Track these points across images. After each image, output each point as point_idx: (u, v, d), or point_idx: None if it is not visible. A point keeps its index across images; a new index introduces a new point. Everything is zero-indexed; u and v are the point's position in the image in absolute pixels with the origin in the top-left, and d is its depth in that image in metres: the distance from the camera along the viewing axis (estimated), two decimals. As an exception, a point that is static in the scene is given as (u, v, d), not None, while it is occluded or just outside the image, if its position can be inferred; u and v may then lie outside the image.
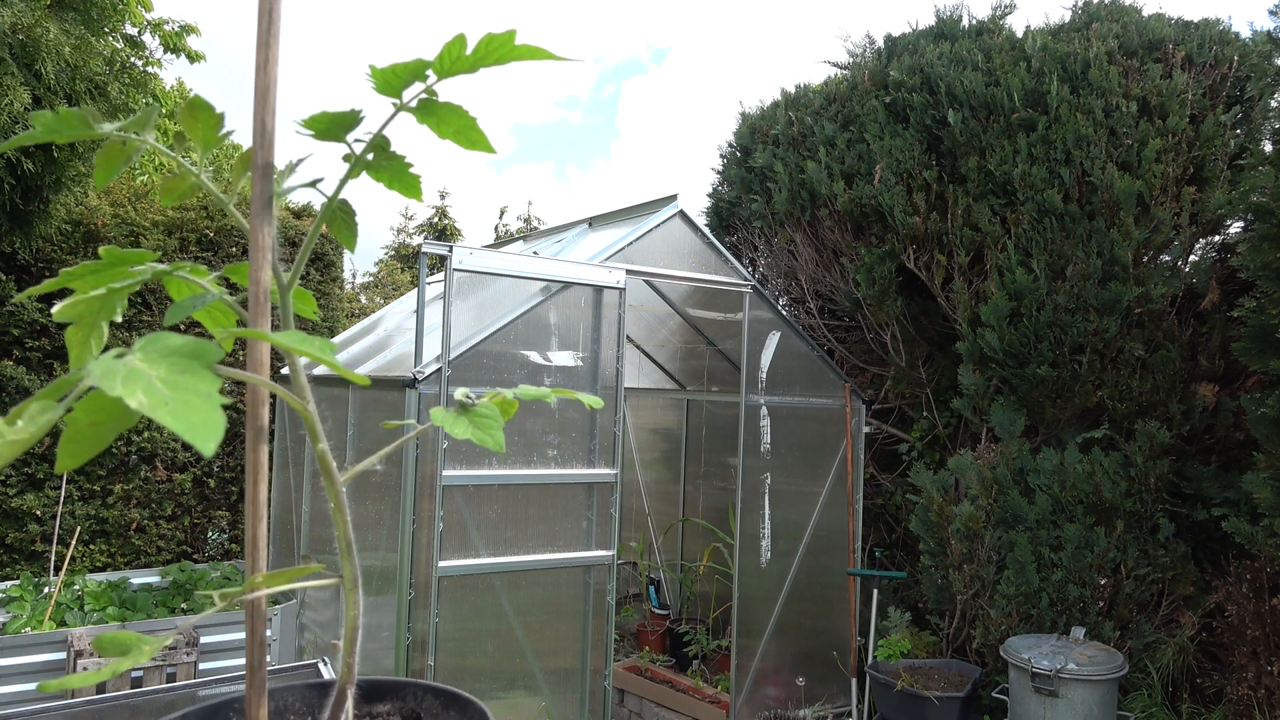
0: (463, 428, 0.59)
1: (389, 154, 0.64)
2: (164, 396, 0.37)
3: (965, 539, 4.78)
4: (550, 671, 4.04)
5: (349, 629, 0.55)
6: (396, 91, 0.60)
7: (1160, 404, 4.69)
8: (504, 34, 0.57)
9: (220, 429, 0.38)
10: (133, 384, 0.37)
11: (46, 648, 4.07)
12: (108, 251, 0.61)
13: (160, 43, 6.97)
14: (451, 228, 17.51)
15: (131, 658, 0.48)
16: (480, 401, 0.60)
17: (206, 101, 0.59)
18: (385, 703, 0.59)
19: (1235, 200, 4.35)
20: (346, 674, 0.54)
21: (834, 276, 5.93)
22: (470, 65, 0.58)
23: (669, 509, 6.84)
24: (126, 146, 0.60)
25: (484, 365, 3.83)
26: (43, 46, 4.13)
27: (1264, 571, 3.81)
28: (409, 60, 0.57)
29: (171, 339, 0.42)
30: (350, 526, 0.57)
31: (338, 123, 0.60)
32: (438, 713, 0.58)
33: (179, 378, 0.39)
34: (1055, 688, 3.91)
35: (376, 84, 0.59)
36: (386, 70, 0.58)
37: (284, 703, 0.58)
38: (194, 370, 0.40)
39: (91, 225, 5.72)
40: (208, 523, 6.14)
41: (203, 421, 0.37)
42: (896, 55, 5.85)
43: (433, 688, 0.59)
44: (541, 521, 3.97)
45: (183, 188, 0.64)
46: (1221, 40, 5.02)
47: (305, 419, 0.54)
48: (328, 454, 0.55)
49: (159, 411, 0.37)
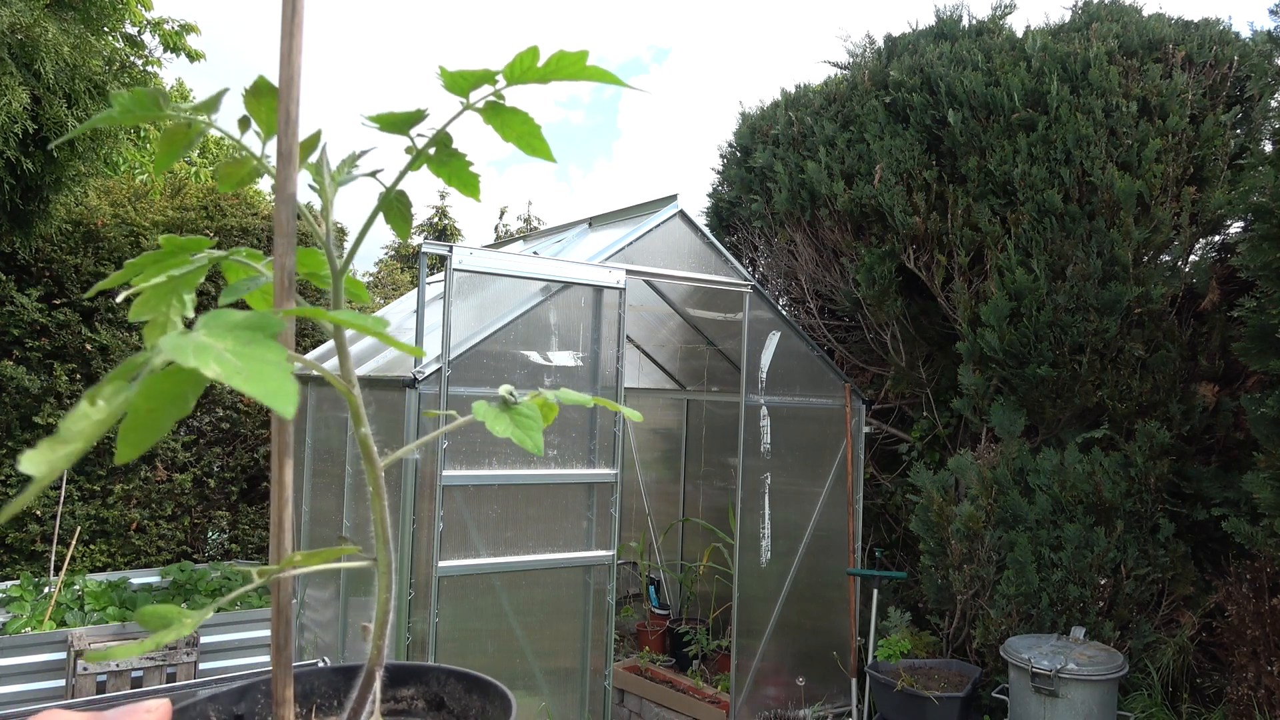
0: (504, 425, 0.59)
1: (450, 150, 0.65)
2: (236, 366, 0.39)
3: (965, 539, 4.78)
4: (550, 671, 4.04)
5: (380, 612, 0.56)
6: (464, 92, 0.61)
7: (1160, 404, 4.69)
8: (576, 53, 0.59)
9: (295, 394, 0.39)
10: (204, 356, 0.39)
11: (47, 648, 4.06)
12: (168, 240, 0.63)
13: (160, 42, 6.97)
14: (451, 228, 17.52)
15: (174, 630, 0.49)
16: (523, 400, 0.60)
17: (271, 84, 0.60)
18: (409, 687, 0.60)
19: (1235, 200, 4.35)
20: (376, 655, 0.55)
21: (834, 276, 5.93)
22: (540, 77, 0.61)
23: (669, 509, 6.84)
24: (191, 129, 0.61)
25: (484, 365, 3.83)
26: (42, 46, 4.12)
27: (1264, 571, 3.81)
28: (479, 69, 0.60)
29: (233, 314, 0.43)
30: (387, 511, 0.58)
31: (404, 120, 0.62)
32: (460, 696, 0.59)
33: (246, 349, 0.40)
34: (1055, 688, 3.91)
35: (445, 83, 0.61)
36: (456, 74, 0.60)
37: (310, 686, 0.59)
38: (259, 341, 0.41)
39: (91, 225, 5.72)
40: (208, 523, 6.14)
41: (278, 387, 0.39)
42: (896, 55, 5.85)
43: (455, 671, 0.60)
44: (541, 521, 3.97)
45: (242, 173, 0.65)
46: (1221, 40, 5.02)
47: (350, 402, 0.55)
48: (370, 438, 0.55)
49: (236, 379, 0.38)
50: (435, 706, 0.60)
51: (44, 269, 5.60)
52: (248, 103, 0.60)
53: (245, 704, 0.57)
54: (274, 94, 0.58)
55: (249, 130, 0.62)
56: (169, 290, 0.63)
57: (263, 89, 0.59)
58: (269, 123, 0.61)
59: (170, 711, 0.51)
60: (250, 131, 0.63)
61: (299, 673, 0.58)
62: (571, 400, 0.64)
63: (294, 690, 0.56)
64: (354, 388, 0.55)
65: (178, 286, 0.63)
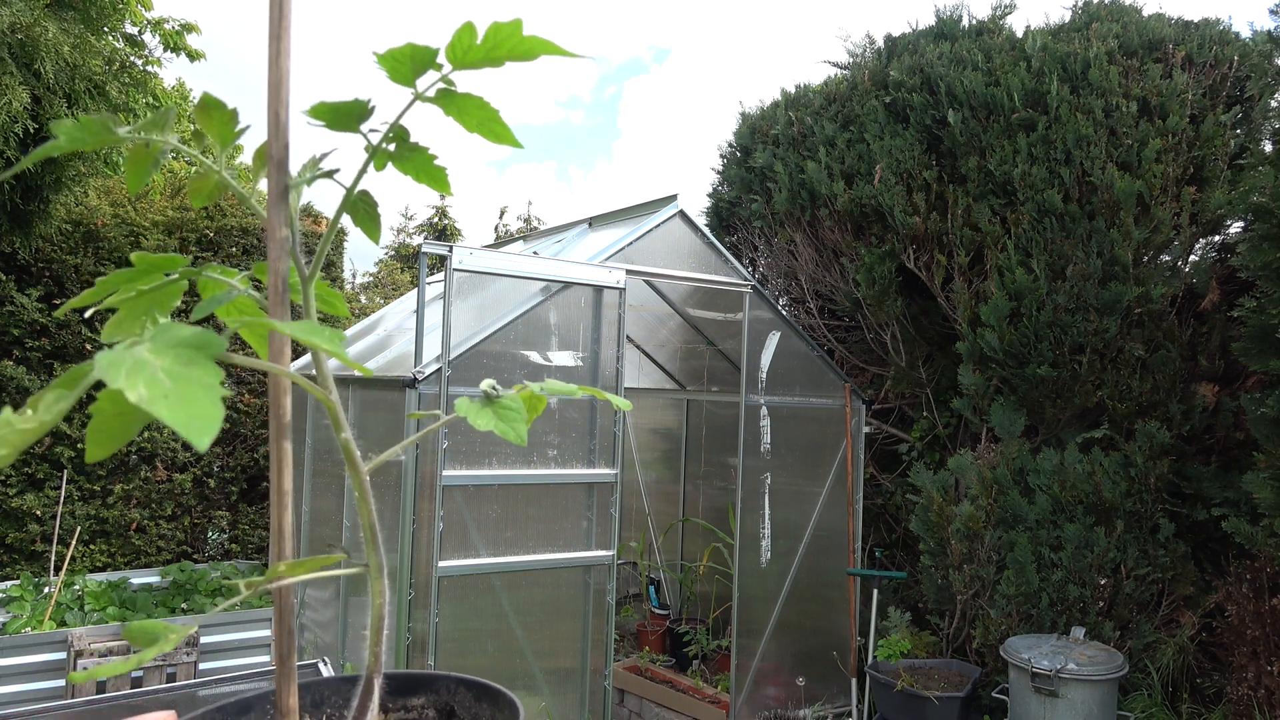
0: (486, 419, 0.58)
1: (410, 145, 0.63)
2: (165, 389, 0.37)
3: (965, 539, 4.78)
4: (550, 671, 4.04)
5: (375, 617, 0.56)
6: (409, 80, 0.59)
7: (1160, 404, 4.69)
8: (511, 23, 0.55)
9: (217, 424, 0.37)
10: (136, 376, 0.37)
11: (47, 648, 4.06)
12: (140, 257, 0.61)
13: (160, 42, 6.96)
14: (451, 228, 17.52)
15: (159, 646, 0.49)
16: (506, 394, 0.59)
17: (219, 99, 0.59)
18: (418, 696, 0.60)
19: (1235, 200, 4.35)
20: (374, 662, 0.54)
21: (834, 276, 5.93)
22: (481, 56, 0.57)
23: (669, 509, 6.84)
24: (151, 149, 0.60)
25: (484, 365, 3.83)
26: (42, 46, 4.12)
27: (1264, 571, 3.81)
28: (415, 45, 0.56)
29: (181, 330, 0.42)
30: (375, 514, 0.58)
31: (345, 113, 0.59)
32: (470, 705, 0.59)
33: (183, 369, 0.39)
34: (1055, 688, 3.90)
35: (388, 71, 0.58)
36: (391, 55, 0.57)
37: (320, 695, 0.59)
38: (198, 361, 0.40)
39: (91, 225, 5.72)
40: (208, 523, 6.14)
41: (200, 414, 0.37)
42: (896, 55, 5.85)
43: (465, 680, 0.60)
44: (541, 521, 3.97)
45: (208, 186, 0.63)
46: (1221, 40, 5.02)
47: (328, 408, 0.54)
48: (351, 443, 0.55)
49: (157, 405, 0.36)
50: (445, 715, 0.60)
51: (44, 269, 5.60)
52: (200, 118, 0.59)
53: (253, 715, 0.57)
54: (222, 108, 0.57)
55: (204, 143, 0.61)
56: (142, 310, 0.61)
57: (211, 104, 0.58)
58: (222, 135, 0.60)
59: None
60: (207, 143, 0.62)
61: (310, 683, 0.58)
62: (556, 391, 0.62)
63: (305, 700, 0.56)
64: (331, 394, 0.54)
65: (150, 306, 0.61)
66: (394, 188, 37.03)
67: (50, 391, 0.40)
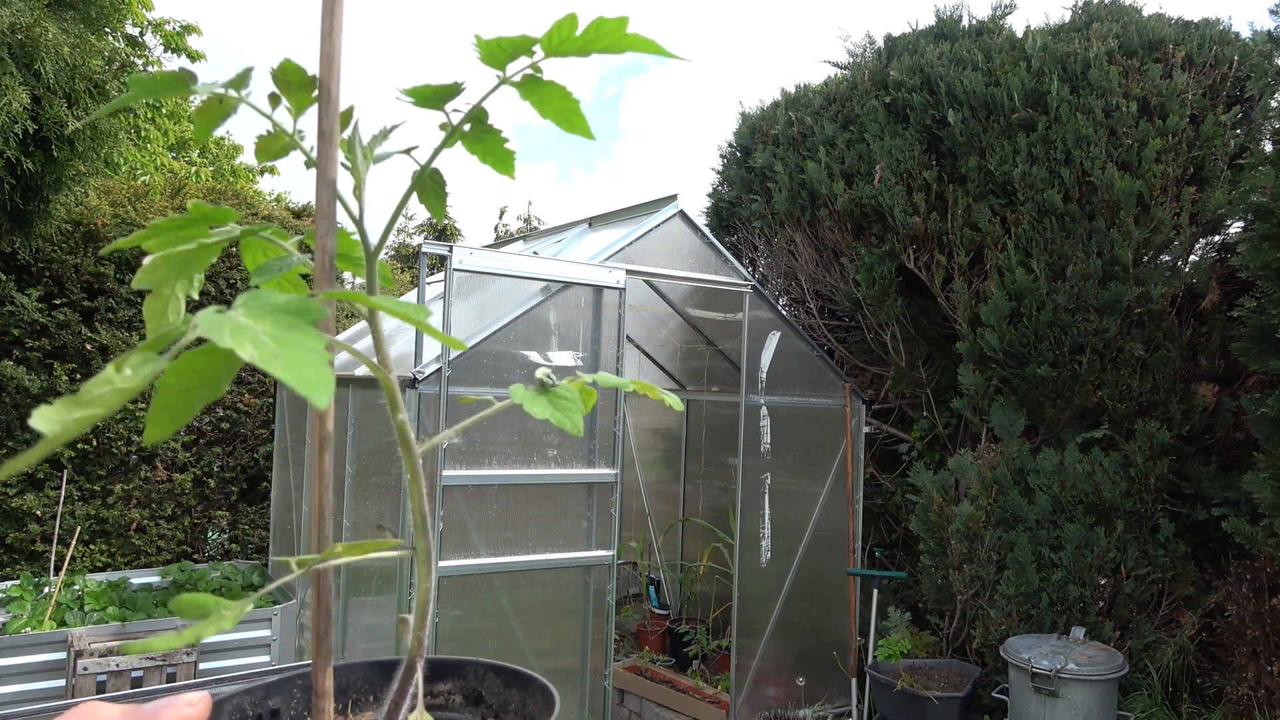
0: (542, 407, 0.58)
1: (486, 126, 0.63)
2: (273, 351, 0.37)
3: (965, 539, 4.78)
4: (550, 671, 4.04)
5: (420, 601, 0.56)
6: (501, 64, 0.59)
7: (1160, 404, 4.69)
8: (616, 19, 0.56)
9: (332, 384, 0.38)
10: (241, 337, 0.37)
11: (47, 648, 4.06)
12: (195, 206, 0.61)
13: (161, 42, 6.97)
14: (451, 228, 17.51)
15: (213, 622, 0.48)
16: (561, 384, 0.60)
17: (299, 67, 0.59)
18: (446, 681, 0.60)
19: (1235, 200, 4.35)
20: (416, 646, 0.54)
21: (834, 276, 5.93)
22: (579, 47, 0.58)
23: (669, 509, 6.84)
24: (224, 104, 0.60)
25: (484, 365, 3.83)
26: (42, 46, 4.12)
27: (1264, 571, 3.81)
28: (515, 35, 0.57)
29: (274, 296, 0.42)
30: (425, 499, 0.57)
31: (439, 94, 0.60)
32: (499, 691, 0.59)
33: (285, 334, 0.39)
34: (1055, 688, 3.90)
35: (481, 55, 0.58)
36: (492, 42, 0.57)
37: (346, 681, 0.59)
38: (299, 327, 0.40)
39: (91, 225, 5.72)
40: (208, 523, 6.14)
41: (314, 376, 0.37)
42: (896, 55, 5.85)
43: (494, 665, 0.60)
44: (541, 521, 3.97)
45: (277, 146, 0.64)
46: (1221, 40, 5.02)
47: (386, 387, 0.54)
48: (407, 425, 0.55)
49: (271, 364, 0.37)
50: (473, 701, 0.60)
51: (44, 269, 5.59)
52: (277, 82, 0.59)
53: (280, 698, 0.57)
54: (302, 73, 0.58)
55: (280, 106, 0.62)
56: (182, 262, 0.61)
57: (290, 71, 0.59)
58: (298, 102, 0.61)
59: (209, 705, 0.51)
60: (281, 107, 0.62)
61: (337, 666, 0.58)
62: (609, 383, 0.62)
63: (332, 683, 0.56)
64: (390, 373, 0.54)
65: (189, 260, 0.61)
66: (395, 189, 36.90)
67: (138, 353, 0.40)
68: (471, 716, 0.59)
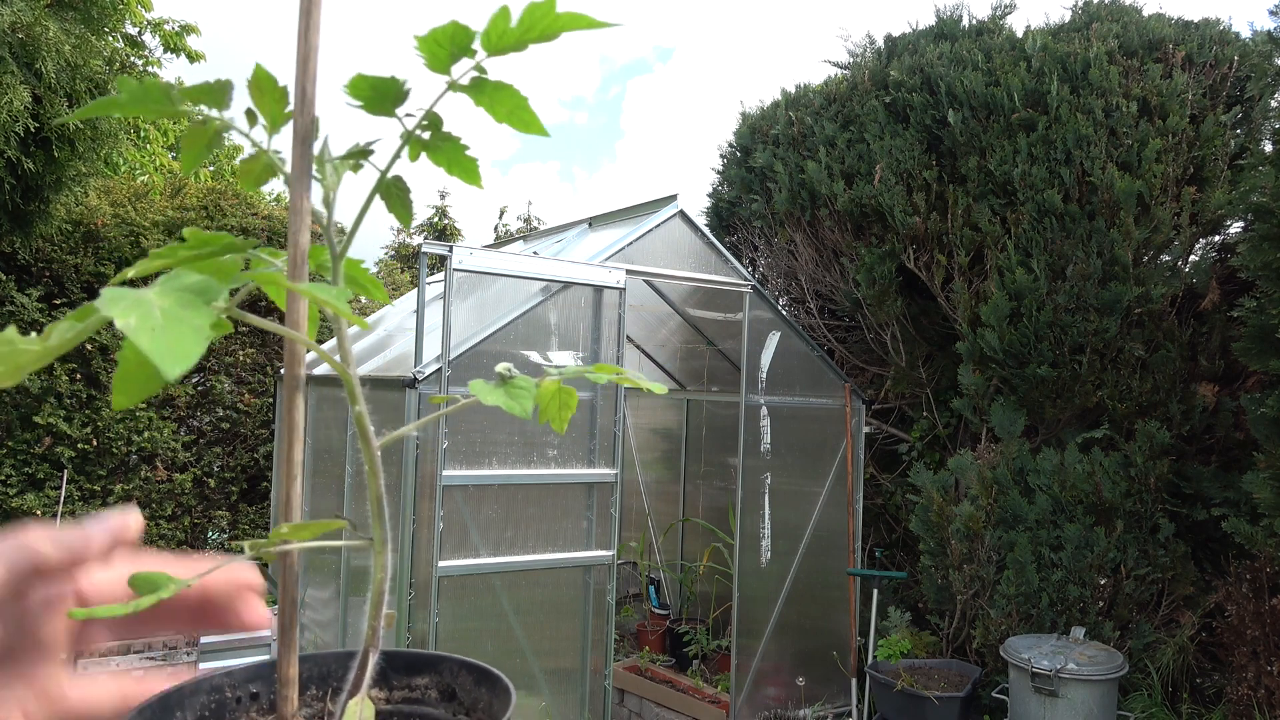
0: (496, 397, 0.60)
1: (444, 134, 0.62)
2: (154, 323, 0.38)
3: (965, 539, 4.78)
4: (550, 671, 4.04)
5: (375, 592, 0.58)
6: (445, 67, 0.58)
7: (1160, 404, 4.69)
8: (544, 2, 0.56)
9: (191, 359, 0.38)
10: (131, 310, 0.38)
11: (46, 647, 4.06)
12: (192, 233, 0.61)
13: (160, 42, 6.97)
14: (451, 228, 17.52)
15: (160, 593, 0.51)
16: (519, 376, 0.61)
17: (271, 75, 0.58)
18: (423, 675, 0.63)
19: (1235, 200, 4.35)
20: (370, 636, 0.56)
21: (834, 276, 5.93)
22: (517, 39, 0.57)
23: (669, 509, 6.84)
24: (208, 127, 0.60)
25: (484, 365, 3.83)
26: (43, 45, 4.13)
27: (1264, 571, 3.81)
28: (448, 24, 0.56)
29: (190, 277, 0.44)
30: (383, 488, 0.59)
31: (382, 92, 0.59)
32: (470, 688, 0.62)
33: (179, 310, 0.40)
34: (1055, 688, 3.91)
35: (426, 57, 0.58)
36: (429, 39, 0.56)
37: (326, 669, 0.61)
38: (195, 305, 0.41)
39: (91, 225, 5.72)
40: (208, 523, 6.14)
41: (178, 348, 0.38)
42: (896, 55, 5.85)
43: (466, 663, 0.62)
44: (541, 521, 3.97)
45: (258, 168, 0.63)
46: (1221, 40, 5.02)
47: (345, 380, 0.55)
48: (365, 416, 0.56)
49: (140, 335, 0.37)
50: (447, 697, 0.62)
51: (44, 269, 5.60)
52: (253, 95, 0.59)
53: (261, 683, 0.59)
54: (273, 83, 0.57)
55: (257, 124, 0.61)
56: None
57: (263, 79, 0.58)
58: (273, 115, 0.60)
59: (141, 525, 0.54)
60: (258, 125, 0.61)
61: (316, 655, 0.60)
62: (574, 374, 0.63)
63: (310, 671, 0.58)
64: (350, 368, 0.55)
65: None
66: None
67: (63, 322, 0.41)
68: (445, 712, 0.61)
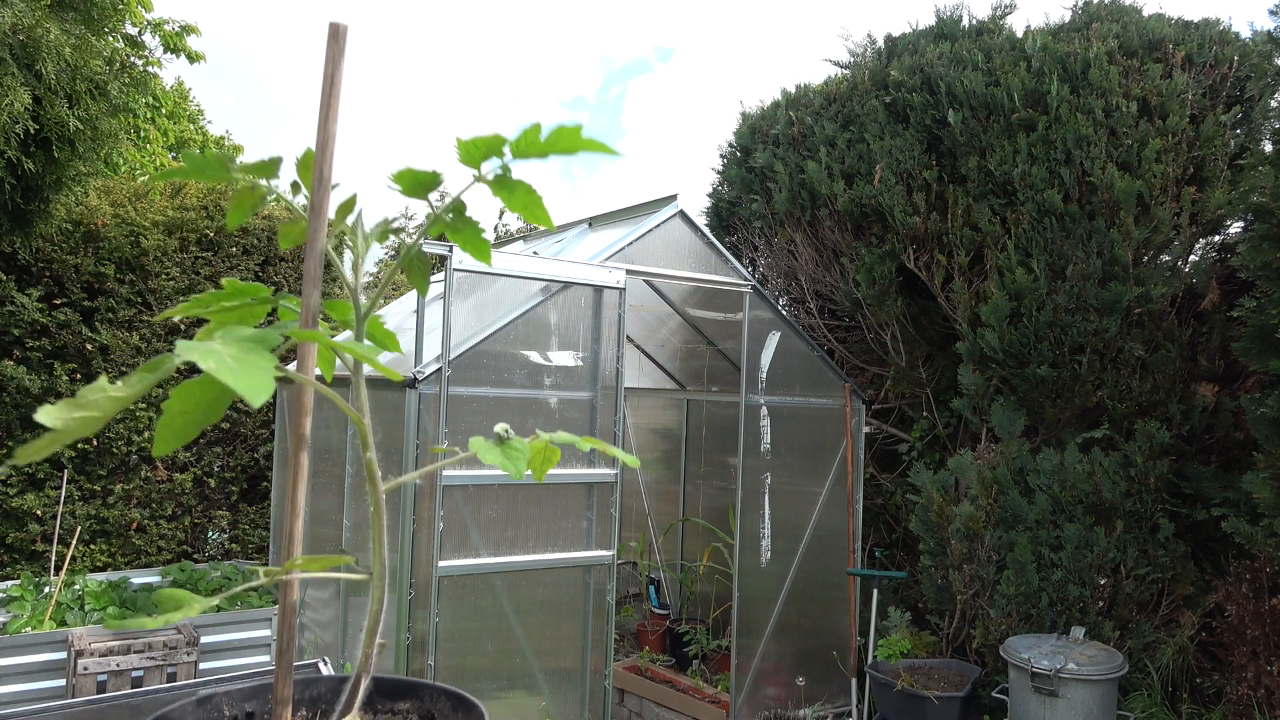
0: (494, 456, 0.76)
1: (465, 218, 0.74)
2: (229, 366, 0.48)
3: (965, 539, 4.78)
4: (550, 671, 4.04)
5: (371, 621, 0.63)
6: (476, 164, 0.69)
7: (1160, 404, 4.69)
8: (573, 127, 0.66)
9: (269, 390, 0.49)
10: (208, 356, 0.48)
11: (47, 648, 4.07)
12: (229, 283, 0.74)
13: (160, 42, 6.96)
14: (451, 228, 17.51)
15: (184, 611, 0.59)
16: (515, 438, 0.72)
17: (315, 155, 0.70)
18: (405, 700, 0.67)
19: (1235, 200, 4.35)
20: (364, 663, 0.60)
21: (834, 276, 5.93)
22: (540, 150, 0.67)
23: (669, 509, 6.84)
24: (256, 192, 0.70)
25: (484, 365, 3.83)
26: (43, 46, 4.12)
27: (1264, 571, 3.81)
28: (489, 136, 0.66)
29: (245, 330, 0.54)
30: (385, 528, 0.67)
31: (421, 182, 0.69)
32: (449, 713, 0.66)
33: (244, 355, 0.50)
34: (1055, 688, 3.91)
35: (460, 156, 0.67)
36: (469, 143, 0.67)
37: (317, 692, 0.65)
38: (256, 350, 0.51)
39: (92, 225, 5.72)
40: (208, 523, 6.14)
41: (255, 383, 0.48)
42: (897, 55, 5.85)
43: (445, 690, 0.67)
44: (541, 521, 3.97)
45: (295, 232, 0.76)
46: (1221, 40, 5.02)
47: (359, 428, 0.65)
48: (375, 463, 0.64)
49: (224, 374, 0.48)
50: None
51: (44, 269, 5.60)
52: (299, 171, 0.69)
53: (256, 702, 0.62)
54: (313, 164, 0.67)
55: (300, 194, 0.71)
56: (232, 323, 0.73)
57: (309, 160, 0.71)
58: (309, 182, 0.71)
59: None
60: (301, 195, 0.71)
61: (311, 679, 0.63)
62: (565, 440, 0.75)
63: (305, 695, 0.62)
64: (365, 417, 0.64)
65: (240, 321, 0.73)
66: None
67: (138, 373, 0.50)
68: None
